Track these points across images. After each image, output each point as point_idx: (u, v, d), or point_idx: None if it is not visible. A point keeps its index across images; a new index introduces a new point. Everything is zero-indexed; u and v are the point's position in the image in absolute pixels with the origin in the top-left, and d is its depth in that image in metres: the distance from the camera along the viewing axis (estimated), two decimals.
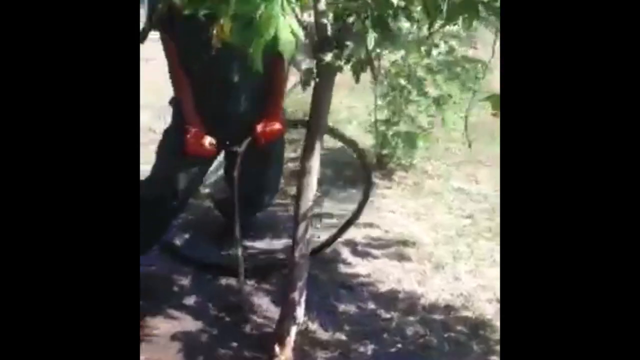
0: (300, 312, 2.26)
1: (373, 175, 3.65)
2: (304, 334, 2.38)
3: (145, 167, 2.40)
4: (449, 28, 2.54)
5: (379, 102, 3.37)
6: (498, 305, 2.53)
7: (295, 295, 2.23)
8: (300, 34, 1.46)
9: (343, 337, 2.42)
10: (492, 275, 2.73)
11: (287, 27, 1.39)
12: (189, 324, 2.49)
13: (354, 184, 3.47)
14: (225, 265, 2.78)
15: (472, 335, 2.43)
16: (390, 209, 3.32)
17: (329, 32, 1.86)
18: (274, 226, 3.10)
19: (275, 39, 1.39)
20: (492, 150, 4.06)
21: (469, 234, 3.08)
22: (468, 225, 3.15)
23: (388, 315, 2.54)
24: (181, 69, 2.39)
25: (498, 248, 2.95)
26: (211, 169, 2.77)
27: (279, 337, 2.25)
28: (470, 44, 2.45)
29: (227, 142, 2.49)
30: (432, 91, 2.75)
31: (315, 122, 2.09)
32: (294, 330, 2.27)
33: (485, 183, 3.62)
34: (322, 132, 2.12)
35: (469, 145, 3.20)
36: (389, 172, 3.68)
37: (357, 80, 1.89)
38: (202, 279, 2.76)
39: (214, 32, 1.49)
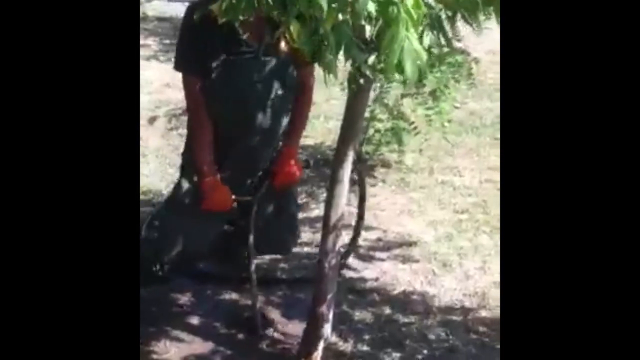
0: (328, 327, 2.14)
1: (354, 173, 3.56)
2: (325, 346, 2.26)
3: None
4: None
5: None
6: None
7: (324, 309, 2.11)
8: (424, 58, 1.33)
9: (365, 348, 2.32)
10: None
11: (413, 53, 1.26)
12: (199, 345, 2.33)
13: None
14: (227, 276, 2.62)
15: (496, 336, 2.37)
16: (381, 206, 3.22)
17: (368, 35, 1.73)
18: None
19: (399, 65, 1.25)
20: (463, 140, 4.05)
21: (468, 229, 3.02)
22: (465, 220, 3.09)
23: (406, 320, 2.46)
24: (205, 112, 2.12)
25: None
26: None
27: (306, 353, 2.13)
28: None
29: (238, 190, 2.22)
30: (429, 83, 2.66)
31: (348, 128, 1.96)
32: (321, 346, 2.15)
33: (468, 175, 3.58)
34: (356, 138, 1.99)
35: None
36: (370, 168, 3.58)
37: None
38: (202, 295, 2.59)
39: (281, 37, 1.34)
